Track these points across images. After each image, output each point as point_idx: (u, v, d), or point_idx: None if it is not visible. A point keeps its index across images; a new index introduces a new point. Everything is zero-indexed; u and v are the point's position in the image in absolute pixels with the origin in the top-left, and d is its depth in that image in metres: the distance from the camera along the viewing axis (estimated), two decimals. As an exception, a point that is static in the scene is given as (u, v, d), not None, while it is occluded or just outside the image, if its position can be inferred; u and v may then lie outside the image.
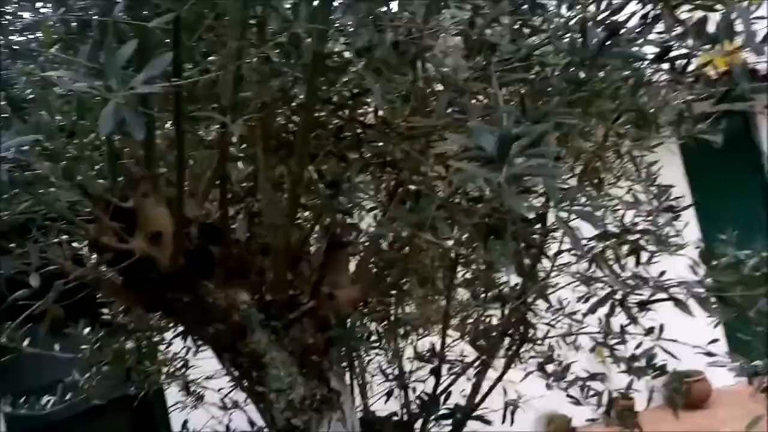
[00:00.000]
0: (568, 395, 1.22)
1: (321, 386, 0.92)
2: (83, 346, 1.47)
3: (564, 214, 0.58)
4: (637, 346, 0.98)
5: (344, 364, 1.11)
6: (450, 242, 0.90)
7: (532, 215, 0.80)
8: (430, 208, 0.75)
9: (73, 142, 0.79)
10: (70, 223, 0.84)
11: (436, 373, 1.25)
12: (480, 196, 0.84)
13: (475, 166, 0.51)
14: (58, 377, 1.57)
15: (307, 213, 1.00)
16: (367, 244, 1.01)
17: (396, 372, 1.27)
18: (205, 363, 1.44)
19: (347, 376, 1.16)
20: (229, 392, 1.31)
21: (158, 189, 0.82)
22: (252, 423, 1.24)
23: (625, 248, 0.94)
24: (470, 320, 1.28)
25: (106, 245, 0.80)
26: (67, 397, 1.59)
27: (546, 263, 1.11)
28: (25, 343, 1.36)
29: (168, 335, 1.35)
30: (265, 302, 0.89)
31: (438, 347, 1.26)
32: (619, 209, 1.07)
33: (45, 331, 1.18)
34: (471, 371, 1.25)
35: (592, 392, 1.18)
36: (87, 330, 1.44)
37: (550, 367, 1.21)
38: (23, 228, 0.87)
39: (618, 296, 0.88)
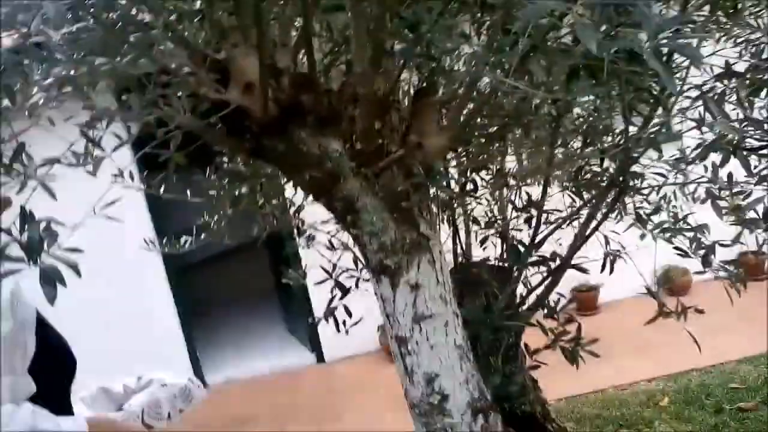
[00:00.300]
0: (675, 247, 1.18)
1: (411, 231, 0.97)
2: (211, 192, 1.63)
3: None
4: (747, 196, 0.91)
5: (436, 210, 1.15)
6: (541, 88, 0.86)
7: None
8: (516, 50, 0.70)
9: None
10: (175, 77, 0.90)
11: (533, 221, 1.26)
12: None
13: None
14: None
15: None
16: (460, 91, 0.98)
17: (492, 220, 1.29)
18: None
19: (438, 222, 1.20)
20: (335, 234, 1.42)
21: (248, 40, 0.84)
22: (356, 262, 1.34)
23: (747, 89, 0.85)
24: (573, 170, 1.25)
25: (205, 96, 0.86)
26: (202, 237, 1.80)
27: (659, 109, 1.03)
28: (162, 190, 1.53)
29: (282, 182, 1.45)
30: (356, 150, 0.92)
31: (538, 197, 1.25)
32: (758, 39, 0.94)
33: (170, 177, 1.32)
34: (573, 223, 1.24)
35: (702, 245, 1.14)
36: (212, 177, 1.59)
37: (655, 218, 1.17)
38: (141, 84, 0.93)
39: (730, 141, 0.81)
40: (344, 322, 1.40)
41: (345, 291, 1.36)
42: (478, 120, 1.04)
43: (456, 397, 1.10)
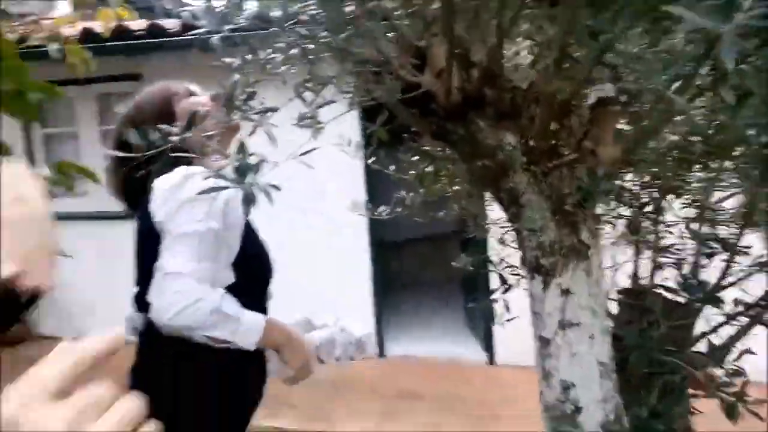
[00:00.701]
0: None
1: (571, 235, 0.98)
2: (411, 172, 1.78)
3: None
4: None
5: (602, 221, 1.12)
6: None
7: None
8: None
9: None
10: (384, 59, 1.03)
11: (721, 260, 1.16)
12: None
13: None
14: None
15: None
16: (640, 104, 0.96)
17: (669, 244, 1.21)
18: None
19: (601, 233, 1.16)
20: (507, 230, 1.45)
21: (447, 31, 0.93)
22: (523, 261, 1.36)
23: None
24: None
25: (403, 78, 0.97)
26: (398, 210, 1.96)
27: None
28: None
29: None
30: (529, 147, 0.96)
31: (731, 235, 1.15)
32: None
33: (379, 151, 1.48)
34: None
35: None
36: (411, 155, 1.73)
37: None
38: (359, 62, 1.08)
39: None
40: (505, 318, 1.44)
41: (507, 286, 1.40)
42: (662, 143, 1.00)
43: (590, 413, 1.09)
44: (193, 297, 1.23)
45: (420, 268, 6.15)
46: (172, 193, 1.32)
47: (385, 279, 4.93)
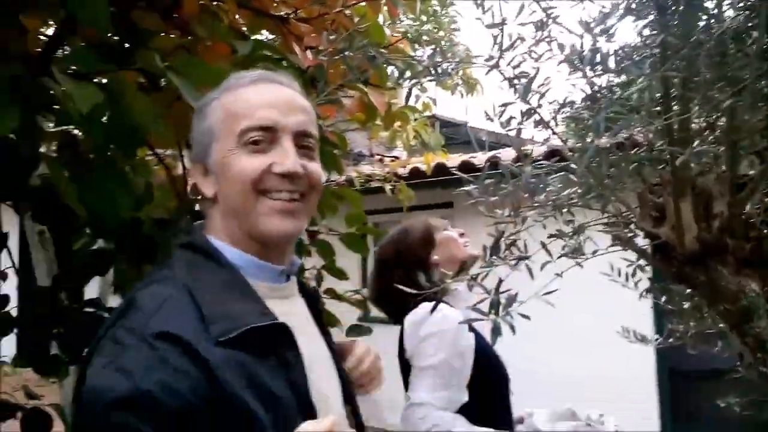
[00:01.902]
0: None
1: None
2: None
3: None
4: None
5: None
6: None
7: None
8: None
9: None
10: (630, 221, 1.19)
11: None
12: None
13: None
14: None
15: None
16: None
17: None
18: None
19: None
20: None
21: (683, 190, 1.06)
22: None
23: None
24: None
25: (644, 229, 1.12)
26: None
27: None
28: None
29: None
30: (773, 294, 0.99)
31: None
32: None
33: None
34: None
35: None
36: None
37: None
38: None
39: None
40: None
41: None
42: None
43: None
44: (431, 422, 1.53)
45: (718, 406, 5.33)
46: (416, 329, 1.67)
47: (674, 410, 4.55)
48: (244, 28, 1.72)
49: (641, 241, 1.21)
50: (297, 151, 0.96)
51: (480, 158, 4.98)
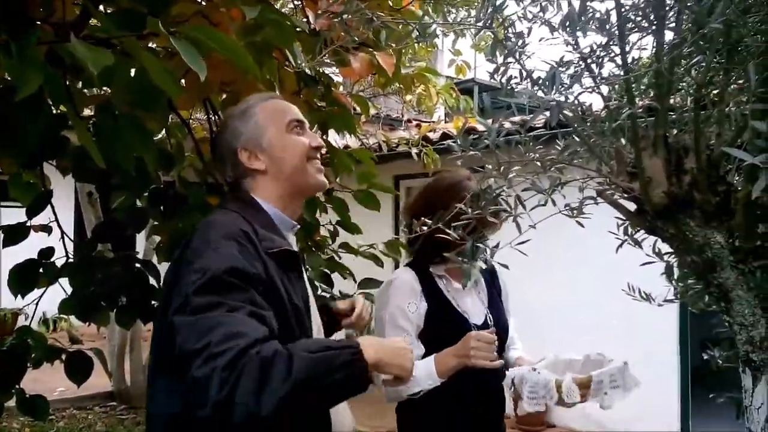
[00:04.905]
0: None
1: (781, 333, 1.00)
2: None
3: None
4: None
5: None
6: None
7: None
8: None
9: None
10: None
11: None
12: None
13: None
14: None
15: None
16: None
17: None
18: None
19: None
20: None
21: (658, 147, 1.10)
22: None
23: None
24: None
25: (619, 184, 1.16)
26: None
27: None
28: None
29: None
30: (736, 246, 1.04)
31: None
32: None
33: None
34: None
35: None
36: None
37: None
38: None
39: None
40: None
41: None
42: None
43: None
44: None
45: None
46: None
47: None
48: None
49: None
50: None
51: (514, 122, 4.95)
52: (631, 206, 1.22)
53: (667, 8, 1.11)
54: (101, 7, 1.63)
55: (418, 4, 1.90)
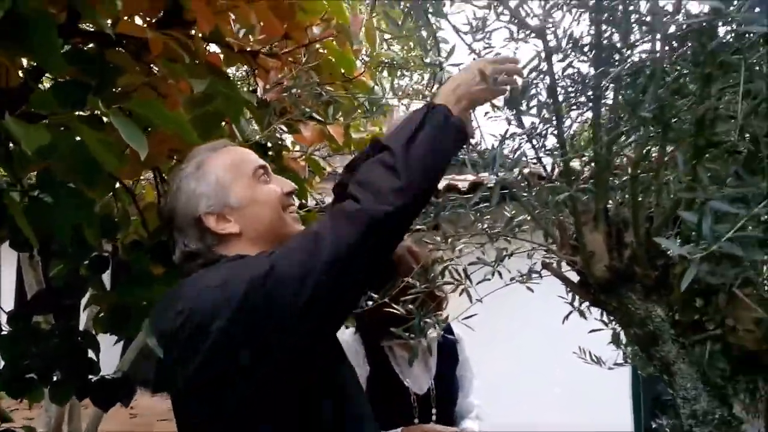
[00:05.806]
0: None
1: (723, 408, 1.01)
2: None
3: None
4: None
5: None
6: None
7: None
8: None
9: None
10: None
11: None
12: None
13: None
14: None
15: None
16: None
17: None
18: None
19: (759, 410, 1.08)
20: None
21: (598, 221, 1.13)
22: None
23: None
24: None
25: (562, 257, 1.19)
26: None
27: None
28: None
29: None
30: (676, 320, 1.06)
31: None
32: None
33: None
34: None
35: None
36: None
37: None
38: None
39: None
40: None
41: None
42: None
43: None
44: None
45: None
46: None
47: None
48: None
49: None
50: None
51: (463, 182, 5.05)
52: (576, 278, 1.24)
53: (603, 88, 1.16)
54: (47, 74, 1.61)
55: (369, 74, 1.94)
